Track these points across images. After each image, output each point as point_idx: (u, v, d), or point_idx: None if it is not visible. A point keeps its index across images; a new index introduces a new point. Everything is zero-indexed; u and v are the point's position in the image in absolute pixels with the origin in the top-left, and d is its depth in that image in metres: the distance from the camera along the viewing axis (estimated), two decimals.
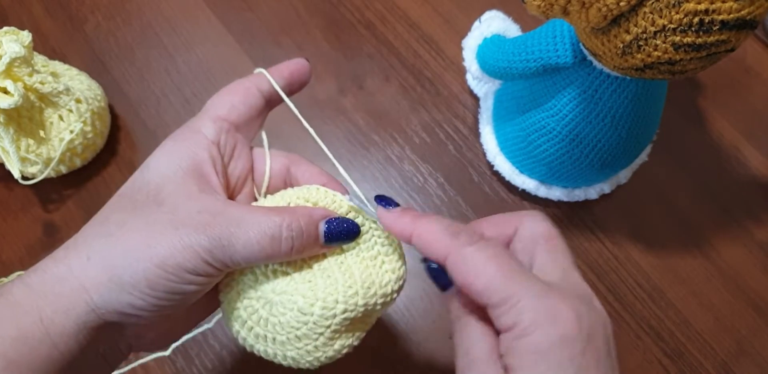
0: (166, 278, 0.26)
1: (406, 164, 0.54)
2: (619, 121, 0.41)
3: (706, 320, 0.50)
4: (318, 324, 0.29)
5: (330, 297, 0.29)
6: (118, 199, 0.29)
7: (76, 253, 0.27)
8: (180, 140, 0.30)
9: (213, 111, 0.31)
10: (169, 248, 0.26)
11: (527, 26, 0.52)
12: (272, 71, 0.33)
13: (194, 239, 0.26)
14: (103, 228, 0.27)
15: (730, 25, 0.29)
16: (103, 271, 0.26)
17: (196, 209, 0.27)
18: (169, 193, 0.28)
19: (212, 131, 0.30)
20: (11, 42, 0.44)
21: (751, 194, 0.53)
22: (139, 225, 0.27)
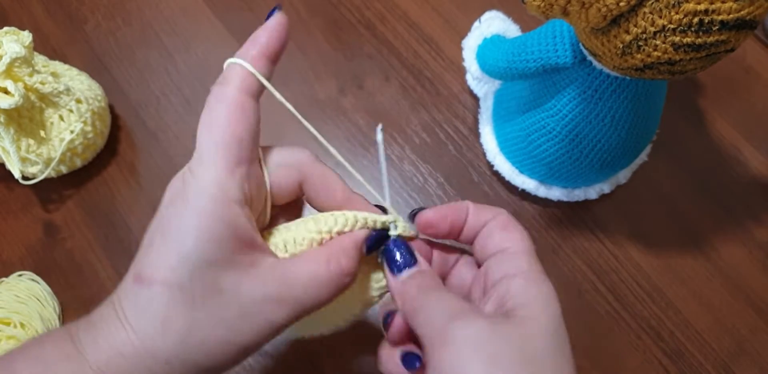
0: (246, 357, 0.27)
1: (406, 164, 0.54)
2: (618, 121, 0.41)
3: (706, 320, 0.50)
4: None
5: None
6: (168, 291, 0.25)
7: (154, 357, 0.26)
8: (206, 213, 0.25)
9: (222, 158, 0.26)
10: (249, 340, 0.26)
11: (527, 26, 0.52)
12: (255, 56, 0.30)
13: (271, 326, 0.27)
14: (173, 330, 0.26)
15: (730, 26, 0.29)
16: (185, 371, 0.26)
17: (261, 294, 0.26)
18: (225, 280, 0.26)
19: (237, 190, 0.26)
20: (11, 42, 0.44)
21: (751, 194, 0.53)
22: (210, 326, 0.26)
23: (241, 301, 0.26)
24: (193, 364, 0.26)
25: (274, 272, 0.27)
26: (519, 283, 0.27)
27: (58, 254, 0.52)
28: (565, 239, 0.52)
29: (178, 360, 0.26)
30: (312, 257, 0.28)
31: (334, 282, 0.28)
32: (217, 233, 0.25)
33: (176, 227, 0.25)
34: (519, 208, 0.53)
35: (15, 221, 0.53)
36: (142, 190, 0.53)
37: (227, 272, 0.26)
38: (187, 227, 0.25)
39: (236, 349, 0.26)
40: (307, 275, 0.27)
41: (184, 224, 0.25)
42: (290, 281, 0.27)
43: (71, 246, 0.52)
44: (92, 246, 0.52)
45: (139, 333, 0.25)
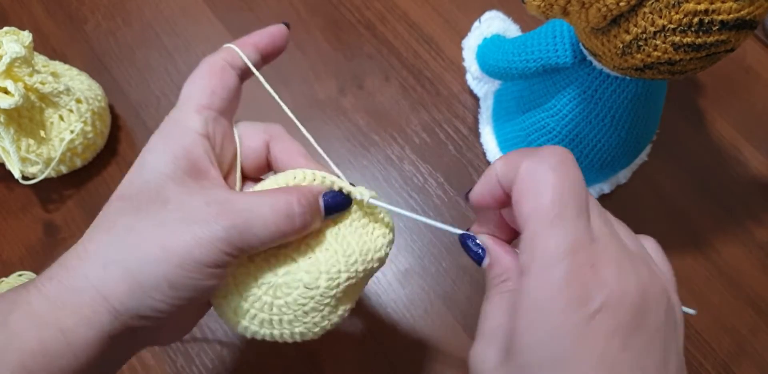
0: (187, 277, 0.26)
1: (406, 164, 0.54)
2: (618, 121, 0.41)
3: (705, 320, 0.50)
4: (324, 295, 0.30)
5: (333, 268, 0.30)
6: (120, 202, 0.28)
7: (90, 262, 0.26)
8: (170, 137, 0.29)
9: (195, 100, 0.30)
10: (185, 247, 0.26)
11: (527, 26, 0.52)
12: (244, 45, 0.32)
13: (210, 232, 0.26)
14: (112, 234, 0.27)
15: (730, 26, 0.29)
16: (122, 279, 0.26)
17: (203, 202, 0.27)
18: (172, 191, 0.28)
19: (200, 123, 0.30)
20: (11, 42, 0.44)
21: (750, 193, 0.53)
22: (149, 228, 0.26)
23: (183, 208, 0.27)
24: (126, 269, 0.26)
25: (221, 192, 0.28)
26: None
27: (59, 254, 0.51)
28: None
29: (113, 263, 0.26)
30: (265, 192, 0.29)
31: (281, 206, 0.28)
32: (175, 153, 0.28)
33: (142, 155, 0.29)
34: None
35: (15, 221, 0.53)
36: None
37: (176, 186, 0.28)
38: (150, 151, 0.29)
39: (173, 258, 0.26)
40: (255, 197, 0.28)
41: (149, 150, 0.29)
42: (236, 199, 0.28)
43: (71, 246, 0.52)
44: None
45: (87, 244, 0.27)
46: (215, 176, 0.30)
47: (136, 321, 0.26)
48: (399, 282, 0.50)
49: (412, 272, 0.51)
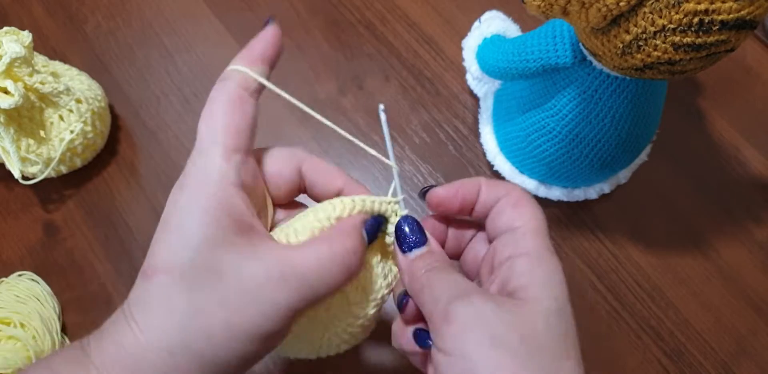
0: (256, 349, 0.26)
1: (406, 164, 0.54)
2: (618, 121, 0.41)
3: (705, 320, 0.50)
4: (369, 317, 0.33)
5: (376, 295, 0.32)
6: (167, 277, 0.25)
7: (154, 350, 0.25)
8: (203, 192, 0.26)
9: (221, 145, 0.27)
10: (252, 323, 0.25)
11: (527, 26, 0.52)
12: (253, 60, 0.30)
13: (276, 307, 0.25)
14: (173, 317, 0.25)
15: (730, 25, 0.29)
16: (193, 363, 0.25)
17: (262, 272, 0.25)
18: (225, 261, 0.25)
19: (233, 173, 0.27)
20: (11, 42, 0.44)
21: (751, 194, 0.53)
22: (212, 307, 0.25)
23: (243, 281, 0.25)
24: (197, 353, 0.25)
25: (276, 253, 0.26)
26: (523, 263, 0.27)
27: (58, 254, 0.52)
28: (565, 239, 0.52)
29: (180, 348, 0.24)
30: (313, 241, 0.28)
31: (339, 260, 0.27)
32: (216, 213, 0.26)
33: (177, 215, 0.26)
34: None
35: (15, 221, 0.53)
36: (142, 190, 0.53)
37: (227, 253, 0.25)
38: (186, 212, 0.26)
39: (242, 336, 0.25)
40: (312, 254, 0.27)
41: (184, 209, 0.26)
42: (293, 261, 0.26)
43: (71, 246, 0.52)
44: (92, 246, 0.52)
45: (141, 325, 0.25)
46: (261, 229, 0.28)
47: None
48: None
49: None
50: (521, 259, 0.28)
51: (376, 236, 0.31)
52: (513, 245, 0.28)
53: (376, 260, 0.32)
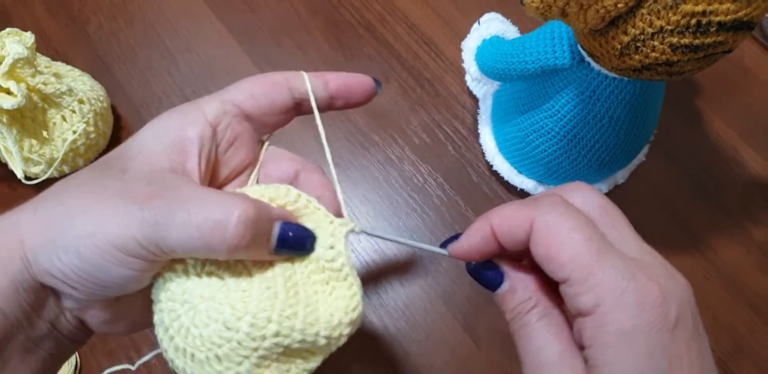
0: (93, 251, 0.23)
1: (406, 165, 0.54)
2: (616, 121, 0.41)
3: (704, 319, 0.49)
4: (243, 344, 0.24)
5: (263, 314, 0.24)
6: (96, 162, 0.27)
7: (29, 206, 0.25)
8: (177, 113, 0.28)
9: (227, 93, 0.29)
10: (102, 218, 0.23)
11: (526, 28, 0.52)
12: (317, 76, 0.30)
13: (128, 211, 0.23)
14: (63, 186, 0.26)
15: (727, 27, 0.29)
16: (42, 228, 0.24)
17: (148, 179, 0.24)
18: (137, 163, 0.26)
19: (215, 111, 0.28)
20: (14, 43, 0.44)
21: (748, 194, 0.54)
22: (92, 188, 0.24)
23: (129, 181, 0.25)
24: (49, 224, 0.24)
25: (176, 179, 0.25)
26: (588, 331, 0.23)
27: None
28: None
29: (43, 212, 0.24)
30: (216, 193, 0.25)
31: (214, 220, 0.23)
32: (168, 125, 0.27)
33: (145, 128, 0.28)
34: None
35: None
36: None
37: (145, 157, 0.26)
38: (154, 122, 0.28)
39: (89, 228, 0.23)
40: (196, 196, 0.24)
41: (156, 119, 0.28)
42: (179, 189, 0.24)
43: None
44: None
45: (44, 192, 0.26)
46: (192, 165, 0.27)
47: (48, 279, 0.24)
48: (399, 282, 0.51)
49: (412, 272, 0.51)
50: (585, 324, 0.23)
51: (290, 247, 0.26)
52: (574, 306, 0.24)
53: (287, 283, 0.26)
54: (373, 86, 0.31)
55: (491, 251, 0.26)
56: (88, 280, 0.24)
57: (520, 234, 0.25)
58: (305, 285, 0.26)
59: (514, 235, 0.25)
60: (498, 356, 0.44)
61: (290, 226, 0.26)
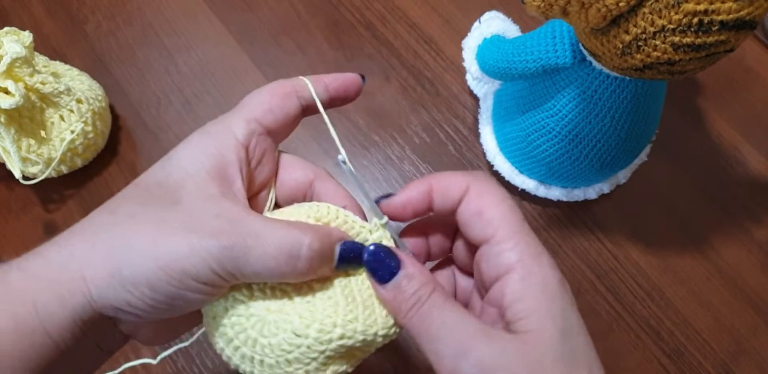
0: (168, 282, 0.24)
1: (406, 164, 0.54)
2: (618, 121, 0.41)
3: (705, 319, 0.50)
4: (312, 348, 0.26)
5: (328, 320, 0.27)
6: (134, 189, 0.27)
7: (81, 239, 0.25)
8: (208, 136, 0.28)
9: (248, 111, 0.29)
10: (176, 251, 0.24)
11: (527, 27, 0.52)
12: (316, 81, 0.31)
13: (205, 246, 0.24)
14: (112, 217, 0.26)
15: (730, 26, 0.29)
16: (105, 262, 0.24)
17: (213, 213, 0.26)
18: (188, 192, 0.26)
19: (244, 132, 0.28)
20: (12, 42, 0.44)
21: (750, 193, 0.53)
22: (150, 220, 0.25)
23: (192, 213, 0.26)
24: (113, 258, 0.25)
25: (236, 208, 0.26)
26: (514, 284, 0.26)
27: None
28: (565, 239, 0.52)
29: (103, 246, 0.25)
30: (281, 222, 0.27)
31: (287, 251, 0.25)
32: (205, 149, 0.28)
33: (178, 146, 0.28)
34: (519, 208, 0.53)
35: (15, 221, 0.53)
36: None
37: (195, 187, 0.27)
38: (185, 144, 0.28)
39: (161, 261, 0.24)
40: (266, 227, 0.26)
41: (186, 142, 0.28)
42: (246, 221, 0.26)
43: None
44: None
45: (85, 223, 0.27)
46: (239, 188, 0.28)
47: (111, 311, 0.25)
48: None
49: None
50: (508, 281, 0.26)
51: (349, 262, 0.28)
52: (496, 262, 0.26)
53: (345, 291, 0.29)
54: (361, 83, 0.33)
55: (422, 211, 0.29)
56: (156, 306, 0.25)
57: (455, 194, 0.28)
58: (360, 290, 0.29)
59: (449, 195, 0.28)
60: None
61: (347, 245, 0.28)
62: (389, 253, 0.28)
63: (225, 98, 0.56)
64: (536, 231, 0.51)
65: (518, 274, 0.26)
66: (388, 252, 0.28)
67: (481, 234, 0.27)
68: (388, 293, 0.28)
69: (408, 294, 0.27)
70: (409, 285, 0.27)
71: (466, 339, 0.25)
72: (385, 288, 0.28)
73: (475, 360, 0.24)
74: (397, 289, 0.27)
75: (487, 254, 0.27)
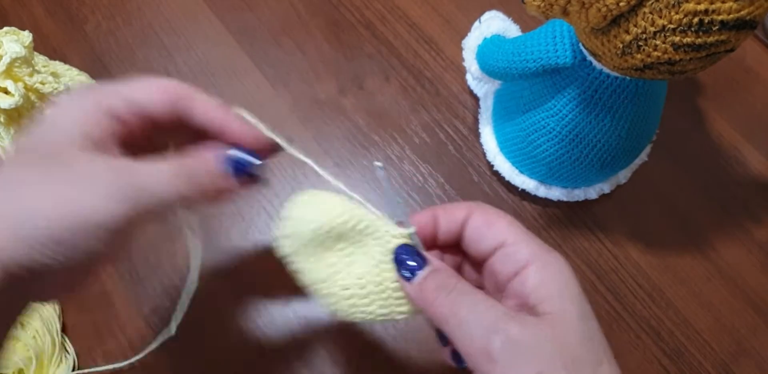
0: (79, 237, 0.25)
1: (406, 164, 0.54)
2: (618, 121, 0.41)
3: (705, 319, 0.50)
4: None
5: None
6: (19, 155, 0.28)
7: None
8: (91, 96, 0.30)
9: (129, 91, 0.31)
10: (81, 204, 0.25)
11: (527, 27, 0.52)
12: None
13: (106, 190, 0.26)
14: (3, 185, 0.26)
15: (730, 26, 0.29)
16: (7, 230, 0.25)
17: (106, 166, 0.27)
18: (77, 157, 0.27)
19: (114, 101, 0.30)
20: (12, 42, 0.44)
21: (750, 193, 0.53)
22: (45, 182, 0.26)
23: (84, 170, 0.27)
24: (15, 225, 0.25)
25: (125, 160, 0.28)
26: (533, 275, 0.28)
27: None
28: (565, 239, 0.52)
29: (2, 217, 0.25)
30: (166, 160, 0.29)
31: (184, 170, 0.29)
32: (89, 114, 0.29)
33: (54, 106, 0.29)
34: (519, 208, 0.53)
35: None
36: None
37: (82, 152, 0.27)
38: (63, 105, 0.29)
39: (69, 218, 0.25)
40: (158, 163, 0.28)
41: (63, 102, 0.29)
42: (140, 164, 0.28)
43: None
44: None
45: None
46: (112, 143, 0.29)
47: (24, 272, 0.25)
48: None
49: None
50: (530, 272, 0.28)
51: (242, 165, 0.31)
52: (512, 261, 0.29)
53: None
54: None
55: (429, 233, 0.32)
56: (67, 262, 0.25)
57: (459, 216, 0.31)
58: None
59: (454, 217, 0.31)
60: None
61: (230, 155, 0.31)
62: (416, 251, 0.31)
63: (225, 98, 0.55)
64: (536, 231, 0.52)
65: (536, 266, 0.28)
66: (415, 250, 0.31)
67: (493, 242, 0.30)
68: (415, 286, 0.30)
69: (436, 283, 0.29)
70: (436, 276, 0.29)
71: (496, 319, 0.27)
72: (413, 282, 0.30)
73: (505, 336, 0.26)
74: (424, 281, 0.29)
75: (502, 256, 0.29)
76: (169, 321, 0.38)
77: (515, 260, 0.29)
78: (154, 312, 0.50)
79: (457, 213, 0.31)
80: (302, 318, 0.50)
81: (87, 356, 0.49)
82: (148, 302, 0.50)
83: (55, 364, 0.47)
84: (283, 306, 0.50)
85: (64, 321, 0.50)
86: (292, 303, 0.50)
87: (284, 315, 0.50)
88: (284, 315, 0.50)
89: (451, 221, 0.31)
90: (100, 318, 0.50)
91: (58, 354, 0.48)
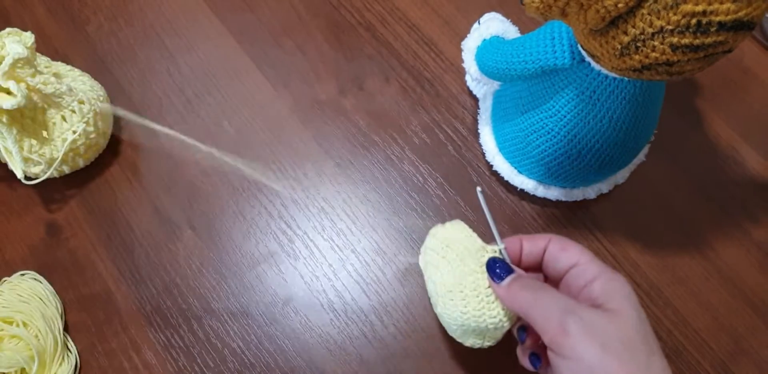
0: None
1: (406, 165, 0.54)
2: (617, 121, 0.41)
3: (704, 319, 0.50)
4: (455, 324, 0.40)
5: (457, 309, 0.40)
6: None
7: None
8: None
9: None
10: None
11: (526, 28, 0.52)
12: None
13: None
14: None
15: (728, 27, 0.29)
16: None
17: None
18: None
19: None
20: (14, 43, 0.44)
21: (748, 193, 0.54)
22: None
23: None
24: None
25: None
26: (601, 285, 0.35)
27: (61, 253, 0.52)
28: None
29: None
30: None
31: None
32: None
33: None
34: (518, 208, 0.53)
35: (18, 221, 0.53)
36: (143, 190, 0.53)
37: None
38: None
39: None
40: None
41: None
42: None
43: (73, 246, 0.52)
44: (94, 246, 0.52)
45: None
46: None
47: None
48: (399, 281, 0.51)
49: (412, 271, 0.51)
50: (598, 283, 0.35)
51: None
52: (583, 276, 0.36)
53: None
54: None
55: (516, 252, 0.40)
56: None
57: (541, 243, 0.39)
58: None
59: (537, 243, 0.39)
60: (499, 355, 0.44)
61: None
62: (505, 262, 0.38)
63: (226, 98, 0.56)
64: (535, 231, 0.52)
65: (603, 278, 0.35)
66: (504, 262, 0.38)
67: (567, 263, 0.37)
68: (503, 287, 0.37)
69: (520, 284, 0.36)
70: (520, 280, 0.37)
71: (571, 305, 0.33)
72: (501, 284, 0.37)
73: (578, 317, 0.32)
74: (511, 283, 0.37)
75: (575, 273, 0.37)
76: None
77: (586, 275, 0.36)
78: (156, 311, 0.50)
79: (539, 241, 0.39)
80: (303, 317, 0.50)
81: (89, 355, 0.49)
82: (150, 301, 0.50)
83: (57, 363, 0.47)
84: (283, 305, 0.50)
85: (66, 320, 0.50)
86: (293, 302, 0.50)
87: (285, 315, 0.50)
88: (285, 315, 0.50)
89: (533, 246, 0.39)
90: (102, 317, 0.50)
91: (60, 353, 0.48)
